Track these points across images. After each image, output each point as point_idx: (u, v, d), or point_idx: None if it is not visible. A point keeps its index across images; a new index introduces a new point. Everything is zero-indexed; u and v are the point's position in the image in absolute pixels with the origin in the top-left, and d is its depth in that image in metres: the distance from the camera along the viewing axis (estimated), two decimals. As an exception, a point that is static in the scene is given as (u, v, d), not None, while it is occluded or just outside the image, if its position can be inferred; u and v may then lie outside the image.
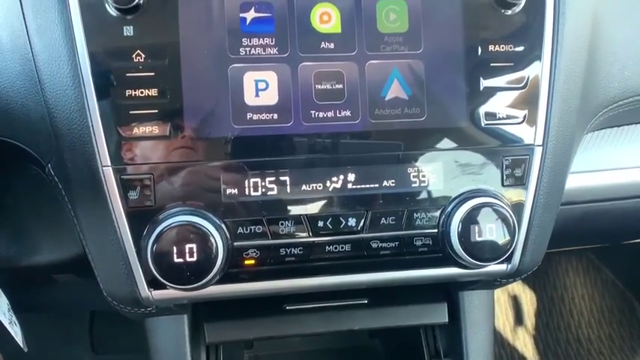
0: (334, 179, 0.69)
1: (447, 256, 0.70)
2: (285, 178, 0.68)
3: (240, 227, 0.67)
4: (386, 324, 0.87)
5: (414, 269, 0.72)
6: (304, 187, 0.68)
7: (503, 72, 0.70)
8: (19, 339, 0.81)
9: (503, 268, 0.74)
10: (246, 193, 0.67)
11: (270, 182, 0.67)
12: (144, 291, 0.68)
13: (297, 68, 0.67)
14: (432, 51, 0.69)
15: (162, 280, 0.64)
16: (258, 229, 0.67)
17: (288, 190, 0.68)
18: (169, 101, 0.65)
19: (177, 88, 0.65)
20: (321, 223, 0.68)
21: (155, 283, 0.67)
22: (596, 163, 0.86)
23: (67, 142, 0.65)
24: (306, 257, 0.69)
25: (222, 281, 0.67)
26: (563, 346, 1.80)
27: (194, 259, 0.63)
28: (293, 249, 0.68)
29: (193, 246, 0.63)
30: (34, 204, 0.80)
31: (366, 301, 0.83)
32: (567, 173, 0.76)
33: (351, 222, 0.69)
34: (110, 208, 0.65)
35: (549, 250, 0.78)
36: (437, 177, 0.70)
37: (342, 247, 0.69)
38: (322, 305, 0.82)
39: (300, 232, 0.68)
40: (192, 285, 0.64)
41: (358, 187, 0.69)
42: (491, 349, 0.91)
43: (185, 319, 0.82)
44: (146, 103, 0.65)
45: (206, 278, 0.64)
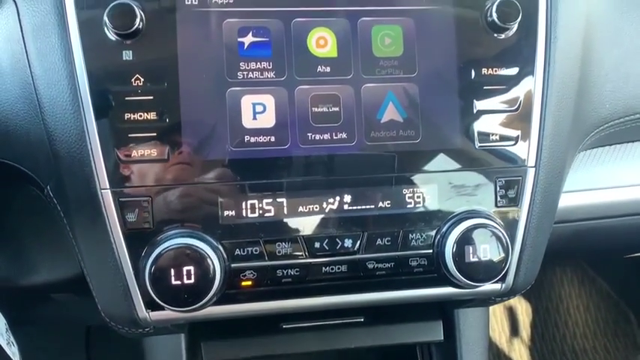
0: (331, 201, 0.69)
1: (441, 276, 0.71)
2: (282, 200, 0.68)
3: (237, 249, 0.68)
4: (382, 342, 0.88)
5: (409, 289, 0.73)
6: (301, 209, 0.69)
7: (496, 95, 0.72)
8: None
9: (497, 287, 0.75)
10: (244, 215, 0.68)
11: (268, 204, 0.68)
12: (141, 312, 0.68)
13: (294, 91, 0.68)
14: (426, 74, 0.70)
15: (160, 302, 0.64)
16: (256, 250, 0.68)
17: (285, 211, 0.69)
18: (168, 124, 0.66)
19: (175, 112, 0.66)
20: (317, 245, 0.69)
21: (153, 305, 0.67)
22: (588, 182, 0.87)
23: (66, 165, 0.66)
24: (302, 278, 0.70)
25: (220, 302, 0.68)
26: (558, 357, 1.81)
27: (192, 281, 0.64)
28: (290, 270, 0.69)
29: (191, 268, 0.64)
30: (32, 224, 0.81)
31: (362, 319, 0.83)
32: (560, 193, 0.77)
33: (348, 243, 0.70)
34: (108, 230, 0.66)
35: (543, 265, 0.79)
36: (432, 198, 0.71)
37: (339, 268, 0.70)
38: (319, 324, 0.83)
39: (296, 253, 0.69)
40: (190, 307, 0.65)
41: (354, 209, 0.70)
42: (486, 365, 0.92)
43: (182, 338, 0.83)
44: (145, 126, 0.65)
45: (203, 300, 0.65)
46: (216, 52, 0.67)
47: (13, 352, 0.78)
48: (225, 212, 0.67)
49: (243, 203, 0.68)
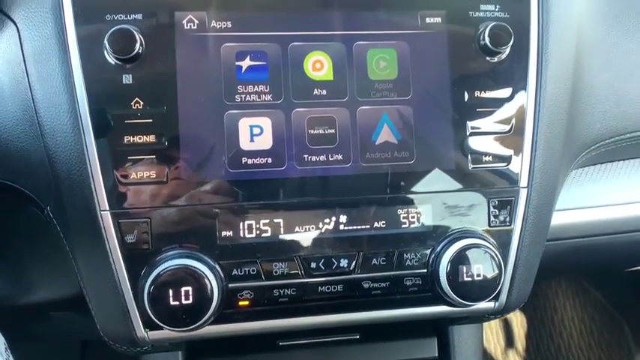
0: (327, 221, 0.71)
1: (436, 295, 0.72)
2: (279, 221, 0.70)
3: (234, 269, 0.69)
4: (377, 359, 0.89)
5: (404, 308, 0.74)
6: (298, 229, 0.70)
7: (489, 117, 0.73)
8: None
9: (490, 305, 0.76)
10: (241, 236, 0.69)
11: (265, 224, 0.69)
12: (140, 331, 0.69)
13: (291, 114, 0.70)
14: (420, 97, 0.72)
15: (159, 322, 0.65)
16: (253, 270, 0.69)
17: (282, 232, 0.70)
18: (167, 147, 0.67)
19: (174, 134, 0.67)
20: (314, 265, 0.70)
21: (151, 324, 0.68)
22: (580, 200, 0.89)
23: (67, 187, 0.67)
24: (299, 297, 0.71)
25: (217, 321, 0.68)
26: (553, 369, 1.82)
27: (190, 301, 0.65)
28: (286, 290, 0.70)
29: (189, 289, 0.65)
30: (32, 243, 0.81)
31: (357, 337, 0.84)
32: (552, 212, 0.79)
33: (343, 263, 0.71)
34: (108, 251, 0.67)
35: (537, 278, 0.80)
36: (426, 218, 0.72)
37: (335, 288, 0.71)
38: (315, 341, 0.83)
39: (293, 273, 0.70)
40: (188, 327, 0.65)
41: (350, 229, 0.71)
42: (480, 381, 0.93)
43: (180, 356, 0.84)
44: (144, 148, 0.67)
45: (201, 320, 0.65)
46: (214, 75, 0.68)
47: (12, 371, 0.79)
48: (223, 233, 0.68)
49: (241, 224, 0.69)
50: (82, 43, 0.66)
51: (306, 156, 0.70)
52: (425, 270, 0.72)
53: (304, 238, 0.70)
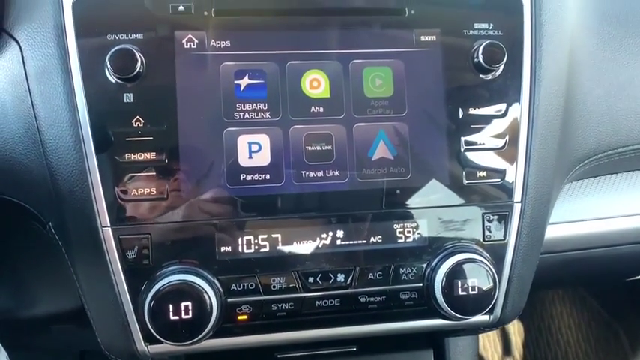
0: (324, 236, 0.72)
1: (431, 309, 0.73)
2: (277, 236, 0.71)
3: (233, 284, 0.70)
4: (374, 371, 0.90)
5: (400, 321, 0.75)
6: (295, 244, 0.71)
7: (483, 133, 0.74)
8: None
9: (485, 318, 0.77)
10: (240, 251, 0.70)
11: (263, 240, 0.71)
12: (140, 345, 0.70)
13: (289, 131, 0.71)
14: (415, 114, 0.73)
15: (159, 336, 0.66)
16: (251, 285, 0.70)
17: (280, 247, 0.71)
18: (167, 164, 0.68)
19: (174, 152, 0.68)
20: (311, 279, 0.71)
21: (151, 338, 0.69)
22: (574, 213, 0.90)
23: (68, 203, 0.68)
24: (297, 311, 0.72)
25: (216, 335, 0.70)
26: (550, 376, 1.82)
27: (189, 316, 0.66)
28: (284, 304, 0.71)
29: (189, 304, 0.66)
30: (34, 257, 0.82)
31: (354, 349, 0.85)
32: (546, 226, 0.80)
33: (340, 277, 0.72)
34: (109, 266, 0.68)
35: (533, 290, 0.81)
36: (421, 233, 0.73)
37: (332, 302, 0.72)
38: (312, 353, 0.84)
39: (291, 287, 0.71)
40: (188, 341, 0.67)
41: (347, 244, 0.72)
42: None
43: (179, 368, 0.85)
44: (144, 166, 0.68)
45: (201, 334, 0.67)
46: (213, 93, 0.70)
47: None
48: (222, 248, 0.70)
49: (239, 239, 0.70)
50: (83, 63, 0.67)
51: (303, 172, 0.71)
52: (420, 284, 0.73)
53: (302, 253, 0.71)
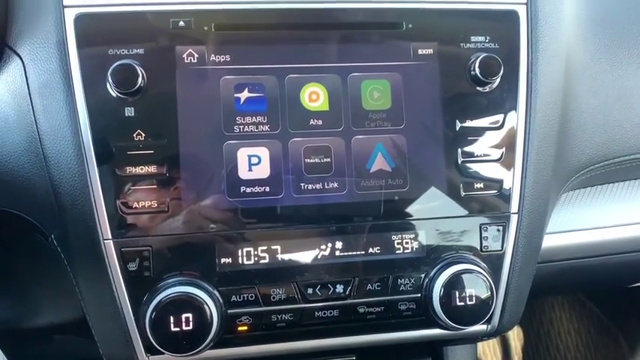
0: (323, 247, 0.73)
1: (429, 319, 0.74)
2: (277, 247, 0.72)
3: (233, 295, 0.71)
4: (373, 380, 0.91)
5: (398, 331, 0.76)
6: (295, 256, 0.72)
7: (480, 145, 0.75)
8: None
9: (483, 328, 0.78)
10: (240, 262, 0.71)
11: (262, 251, 0.71)
12: (141, 356, 0.71)
13: (288, 144, 0.72)
14: (413, 126, 0.74)
15: (159, 347, 0.67)
16: (251, 296, 0.71)
17: (280, 258, 0.72)
18: (168, 177, 0.69)
19: (175, 165, 0.69)
20: (310, 290, 0.72)
21: (152, 349, 0.70)
22: (571, 223, 0.91)
23: (70, 216, 0.69)
24: (296, 322, 0.73)
25: (217, 346, 0.70)
26: (550, 381, 1.83)
27: (190, 327, 0.67)
28: (284, 315, 0.72)
29: (189, 315, 0.67)
30: (36, 268, 0.83)
31: (354, 358, 0.86)
32: (542, 237, 0.81)
33: (339, 288, 0.73)
34: (110, 278, 0.69)
35: (531, 298, 0.82)
36: (419, 244, 0.74)
37: (331, 313, 0.73)
38: (311, 363, 0.85)
39: (290, 298, 0.72)
40: (188, 352, 0.67)
41: (345, 255, 0.73)
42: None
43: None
44: (146, 179, 0.69)
45: (201, 345, 0.67)
46: (213, 107, 0.71)
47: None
48: (222, 260, 0.70)
49: (239, 251, 0.71)
50: (85, 78, 0.68)
51: (302, 184, 0.72)
52: (418, 295, 0.74)
53: (301, 265, 0.72)
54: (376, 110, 0.74)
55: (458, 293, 0.72)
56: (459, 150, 0.75)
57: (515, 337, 1.90)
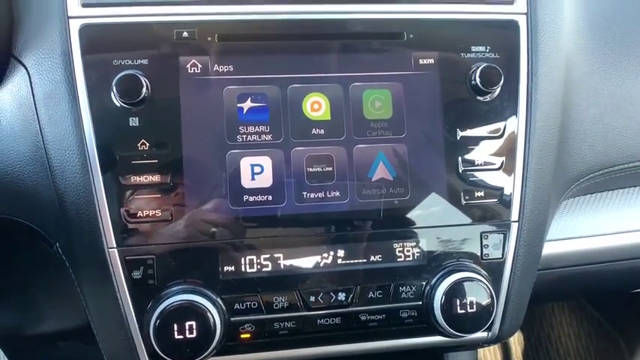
0: (325, 255, 0.73)
1: (430, 327, 0.75)
2: (279, 256, 0.72)
3: (236, 303, 0.71)
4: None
5: (400, 338, 0.77)
6: (297, 264, 0.73)
7: (480, 154, 0.76)
8: None
9: (484, 335, 0.79)
10: (242, 270, 0.71)
11: (265, 259, 0.72)
12: (145, 363, 0.72)
13: (290, 153, 0.73)
14: (414, 135, 0.75)
15: (163, 355, 0.68)
16: (254, 304, 0.72)
17: (282, 266, 0.72)
18: (171, 186, 0.70)
19: (179, 174, 0.70)
20: (312, 298, 0.73)
21: (156, 356, 0.70)
22: (571, 230, 0.91)
23: (75, 225, 0.69)
24: (299, 330, 0.73)
25: (220, 354, 0.71)
26: (551, 385, 1.83)
27: (193, 335, 0.67)
28: (287, 323, 0.73)
29: (193, 323, 0.67)
30: (41, 276, 0.84)
31: (355, 364, 0.87)
32: (543, 244, 0.81)
33: (341, 296, 0.73)
34: (115, 286, 0.70)
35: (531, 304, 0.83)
36: (420, 252, 0.75)
37: (333, 320, 0.74)
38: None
39: (293, 306, 0.73)
40: (192, 360, 0.68)
41: (347, 263, 0.74)
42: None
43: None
44: (150, 188, 0.70)
45: (205, 353, 0.68)
46: (217, 117, 0.71)
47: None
48: (225, 268, 0.71)
49: (242, 259, 0.71)
50: (90, 88, 0.69)
51: (304, 193, 0.73)
52: (420, 302, 0.75)
53: (303, 273, 0.73)
54: (378, 119, 0.74)
55: (459, 301, 0.72)
56: (460, 159, 0.75)
57: (515, 341, 1.90)
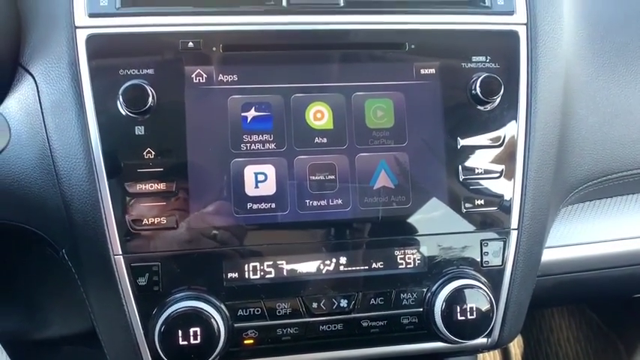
0: (327, 262, 0.74)
1: (431, 333, 0.76)
2: (282, 263, 0.73)
3: (240, 309, 0.72)
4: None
5: (401, 344, 0.78)
6: (300, 271, 0.74)
7: (481, 163, 0.77)
8: None
9: (484, 341, 0.80)
10: (246, 277, 0.73)
11: (268, 266, 0.73)
12: (150, 369, 0.73)
13: (293, 161, 0.74)
14: (415, 144, 0.76)
15: (168, 361, 0.69)
16: (257, 310, 0.73)
17: (285, 273, 0.73)
18: (176, 194, 0.71)
19: (184, 182, 0.71)
20: (315, 305, 0.74)
21: (161, 362, 0.72)
22: (570, 237, 0.92)
23: (82, 232, 0.70)
24: (301, 336, 0.74)
25: (223, 359, 0.72)
26: (550, 389, 1.84)
27: (198, 341, 0.68)
28: (289, 329, 0.74)
29: (197, 329, 0.68)
30: (47, 281, 0.85)
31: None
32: (542, 251, 0.82)
33: (343, 303, 0.75)
34: (120, 293, 0.71)
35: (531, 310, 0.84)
36: (421, 259, 0.76)
37: (335, 326, 0.75)
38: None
39: (296, 312, 0.74)
40: (196, 366, 0.69)
41: (349, 270, 0.75)
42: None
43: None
44: (155, 196, 0.71)
45: (209, 359, 0.69)
46: (221, 126, 0.72)
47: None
48: (229, 275, 0.72)
49: (246, 266, 0.73)
50: (97, 97, 0.70)
51: (307, 201, 0.74)
52: (421, 309, 0.76)
53: (306, 279, 0.74)
54: (379, 128, 0.75)
55: (459, 308, 0.74)
56: (461, 167, 0.76)
57: (515, 344, 1.91)
